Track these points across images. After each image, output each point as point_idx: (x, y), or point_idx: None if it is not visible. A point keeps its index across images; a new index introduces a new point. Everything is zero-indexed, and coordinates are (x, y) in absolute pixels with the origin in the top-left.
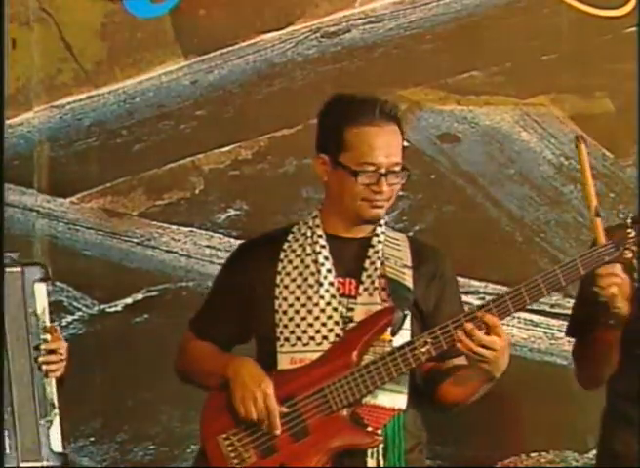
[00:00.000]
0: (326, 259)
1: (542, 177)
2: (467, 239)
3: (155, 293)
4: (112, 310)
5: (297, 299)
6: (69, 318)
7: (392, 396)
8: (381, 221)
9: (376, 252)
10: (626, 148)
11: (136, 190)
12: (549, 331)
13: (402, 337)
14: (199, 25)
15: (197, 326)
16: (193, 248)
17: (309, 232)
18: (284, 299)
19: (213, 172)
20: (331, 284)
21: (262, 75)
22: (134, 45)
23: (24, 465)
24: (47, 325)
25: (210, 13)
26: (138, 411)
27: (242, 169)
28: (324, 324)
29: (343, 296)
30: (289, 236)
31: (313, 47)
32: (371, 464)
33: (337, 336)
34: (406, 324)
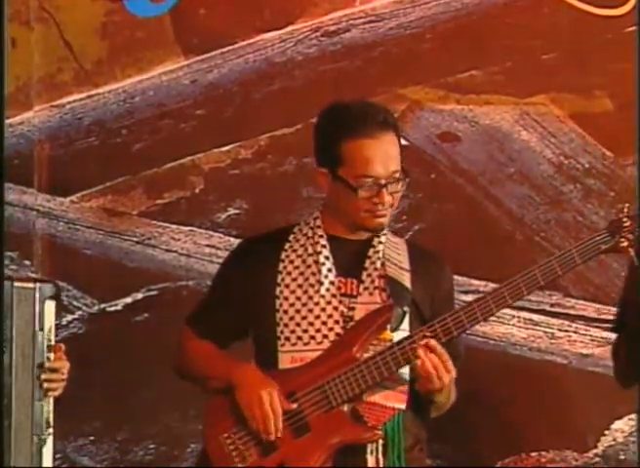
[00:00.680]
0: (327, 259)
1: (542, 177)
2: (467, 238)
3: (155, 293)
4: (112, 309)
5: (298, 298)
6: (69, 317)
7: (392, 395)
8: None
9: (376, 252)
10: (626, 147)
11: (136, 189)
12: (549, 331)
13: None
14: (199, 25)
15: (196, 322)
16: (193, 247)
17: (310, 232)
18: (285, 298)
19: (213, 171)
20: (332, 283)
21: (262, 74)
22: (134, 44)
23: None
24: (52, 343)
25: (210, 12)
26: (138, 411)
27: (242, 168)
28: (325, 323)
29: (344, 296)
30: (290, 236)
31: (313, 46)
32: (370, 463)
33: (337, 335)
34: (405, 322)
